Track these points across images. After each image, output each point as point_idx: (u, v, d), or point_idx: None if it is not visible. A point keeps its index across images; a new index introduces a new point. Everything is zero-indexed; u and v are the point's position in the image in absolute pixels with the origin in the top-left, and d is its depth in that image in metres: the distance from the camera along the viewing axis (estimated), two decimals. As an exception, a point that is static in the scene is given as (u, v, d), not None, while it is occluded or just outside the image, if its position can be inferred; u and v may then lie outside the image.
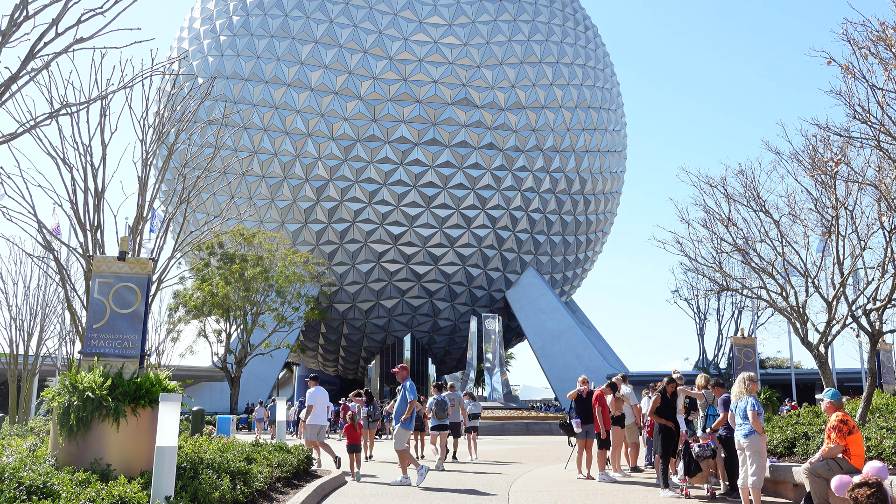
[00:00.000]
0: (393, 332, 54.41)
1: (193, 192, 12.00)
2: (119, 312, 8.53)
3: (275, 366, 46.03)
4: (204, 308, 35.52)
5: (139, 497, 6.41)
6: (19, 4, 6.25)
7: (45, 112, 7.12)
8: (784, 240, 14.30)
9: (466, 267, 51.13)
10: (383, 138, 48.18)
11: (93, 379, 7.74)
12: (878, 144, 9.74)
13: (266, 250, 37.72)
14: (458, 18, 49.83)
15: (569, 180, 52.12)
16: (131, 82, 8.88)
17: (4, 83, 6.45)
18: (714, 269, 16.38)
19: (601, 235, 58.29)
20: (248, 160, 46.89)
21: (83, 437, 7.52)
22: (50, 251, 10.62)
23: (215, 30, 50.54)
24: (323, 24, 48.62)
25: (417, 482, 11.62)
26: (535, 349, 50.47)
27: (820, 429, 11.10)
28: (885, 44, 8.95)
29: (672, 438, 11.35)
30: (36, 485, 6.22)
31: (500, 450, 21.78)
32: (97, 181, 10.21)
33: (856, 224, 12.68)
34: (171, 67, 19.86)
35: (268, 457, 10.45)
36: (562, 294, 57.64)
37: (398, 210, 48.77)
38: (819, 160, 12.44)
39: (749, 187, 14.79)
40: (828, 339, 13.47)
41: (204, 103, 14.28)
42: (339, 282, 50.43)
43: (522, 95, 50.04)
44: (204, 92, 12.30)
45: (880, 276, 12.14)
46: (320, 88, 47.92)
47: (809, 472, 8.44)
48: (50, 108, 9.27)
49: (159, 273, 11.05)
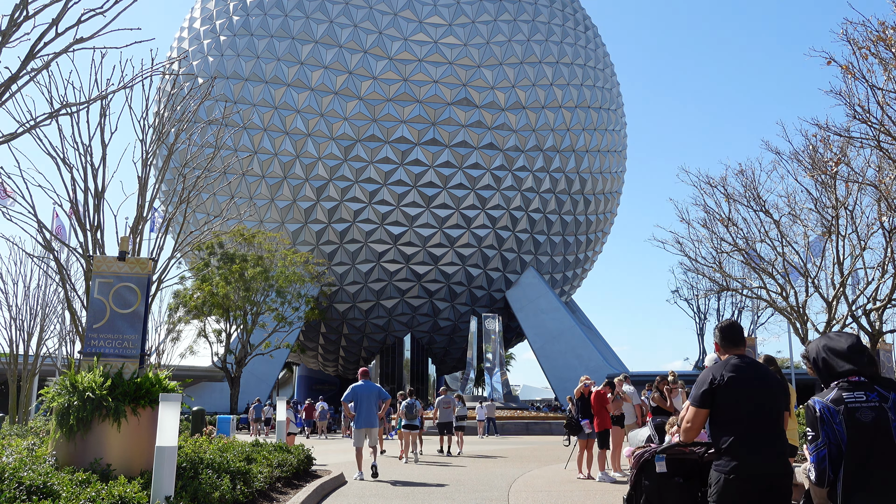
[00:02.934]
0: (393, 332, 54.41)
1: (193, 192, 12.00)
2: (119, 312, 8.53)
3: (275, 366, 46.03)
4: (204, 308, 35.53)
5: (139, 497, 6.41)
6: (19, 4, 6.25)
7: (45, 112, 7.12)
8: (784, 240, 14.31)
9: (466, 267, 51.13)
10: (383, 138, 48.18)
11: (93, 379, 7.74)
12: (878, 144, 9.75)
13: (266, 250, 37.73)
14: (458, 18, 49.83)
15: (569, 180, 52.12)
16: (131, 82, 8.88)
17: (4, 83, 6.45)
18: (714, 269, 16.40)
19: (601, 235, 58.29)
20: (248, 160, 46.89)
21: (83, 437, 7.51)
22: (50, 251, 10.62)
23: (215, 30, 50.54)
24: (323, 24, 48.62)
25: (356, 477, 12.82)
26: (535, 349, 50.46)
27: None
28: (885, 44, 8.96)
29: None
30: (36, 485, 6.22)
31: (499, 449, 21.78)
32: (97, 181, 10.22)
33: (856, 224, 12.69)
34: (171, 67, 19.86)
35: (268, 457, 10.45)
36: (562, 294, 57.64)
37: (398, 210, 48.78)
38: (819, 160, 12.45)
39: (749, 187, 14.81)
40: (828, 339, 13.44)
41: (204, 103, 14.26)
42: (339, 282, 50.43)
43: (522, 95, 50.04)
44: (204, 92, 12.30)
45: (880, 276, 12.14)
46: (320, 88, 47.93)
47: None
48: (50, 108, 9.27)
49: (159, 273, 11.05)
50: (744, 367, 4.39)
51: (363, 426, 13.11)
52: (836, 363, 3.84)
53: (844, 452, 3.54)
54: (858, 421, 3.56)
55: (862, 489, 3.50)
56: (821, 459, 3.61)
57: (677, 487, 4.97)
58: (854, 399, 3.63)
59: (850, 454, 3.53)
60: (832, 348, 3.89)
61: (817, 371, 3.98)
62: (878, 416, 3.58)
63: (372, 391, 13.37)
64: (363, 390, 13.31)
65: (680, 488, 4.95)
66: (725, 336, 4.60)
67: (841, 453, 3.56)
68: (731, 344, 4.60)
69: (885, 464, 3.52)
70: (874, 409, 3.59)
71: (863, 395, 3.64)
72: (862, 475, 3.52)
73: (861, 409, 3.59)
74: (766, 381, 4.32)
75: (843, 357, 3.84)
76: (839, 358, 3.84)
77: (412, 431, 17.57)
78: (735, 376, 4.33)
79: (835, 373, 3.84)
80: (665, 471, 5.04)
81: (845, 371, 3.78)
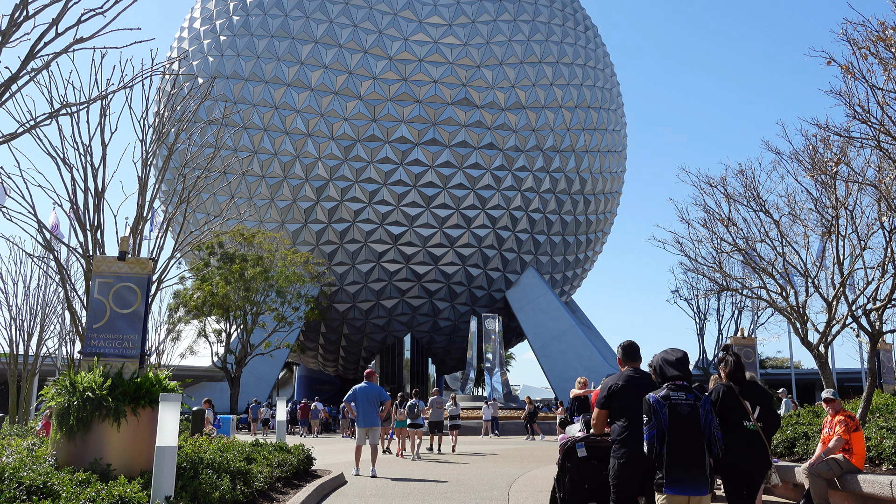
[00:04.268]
0: (393, 332, 54.41)
1: (193, 192, 11.99)
2: (119, 312, 8.53)
3: (275, 366, 46.03)
4: (204, 308, 35.52)
5: (139, 497, 6.41)
6: (19, 4, 6.25)
7: (45, 112, 7.11)
8: (784, 240, 14.29)
9: (466, 267, 51.13)
10: (383, 138, 48.18)
11: (93, 379, 7.74)
12: (878, 144, 9.74)
13: (266, 250, 37.73)
14: (458, 18, 49.82)
15: (569, 180, 52.12)
16: (131, 82, 8.88)
17: (4, 83, 6.45)
18: (714, 269, 16.38)
19: (601, 235, 58.29)
20: (248, 160, 46.87)
21: (83, 437, 7.51)
22: (50, 251, 10.62)
23: (215, 30, 50.53)
24: (323, 24, 48.62)
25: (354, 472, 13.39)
26: (535, 349, 50.46)
27: (820, 429, 11.10)
28: (885, 44, 8.95)
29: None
30: (36, 485, 6.22)
31: (500, 448, 21.78)
32: (97, 181, 10.21)
33: (856, 224, 12.67)
34: (171, 67, 19.86)
35: (268, 457, 10.46)
36: (562, 294, 57.63)
37: (398, 210, 48.77)
38: (819, 160, 12.43)
39: (749, 187, 14.78)
40: (828, 339, 13.46)
41: (204, 103, 14.25)
42: (339, 282, 50.42)
43: (522, 95, 50.03)
44: (204, 92, 12.29)
45: (880, 276, 12.13)
46: (320, 88, 47.92)
47: (810, 471, 8.45)
48: (50, 108, 9.27)
49: (159, 273, 11.04)
50: (635, 377, 5.74)
51: (364, 425, 13.81)
52: (668, 370, 5.29)
53: (666, 433, 4.99)
54: (678, 413, 5.03)
55: (676, 459, 4.96)
56: (650, 437, 5.03)
57: (593, 468, 6.30)
58: (677, 397, 5.08)
59: (671, 435, 4.98)
60: (666, 359, 5.36)
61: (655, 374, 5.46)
62: (692, 410, 5.06)
63: (372, 392, 14.03)
64: (363, 391, 14.02)
65: (595, 469, 6.28)
66: (626, 352, 6.08)
67: (664, 434, 4.99)
68: (630, 359, 6.04)
69: (692, 443, 5.00)
70: (690, 406, 5.07)
71: (683, 395, 5.09)
72: (677, 450, 4.98)
73: (681, 405, 5.06)
74: (651, 387, 5.48)
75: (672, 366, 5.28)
76: (670, 367, 5.28)
77: (416, 430, 18.80)
78: (625, 385, 5.74)
79: (666, 377, 5.27)
80: (585, 455, 6.38)
81: (673, 376, 5.23)
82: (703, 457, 4.99)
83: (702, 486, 4.96)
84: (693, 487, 4.92)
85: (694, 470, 4.94)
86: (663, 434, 4.97)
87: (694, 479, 4.93)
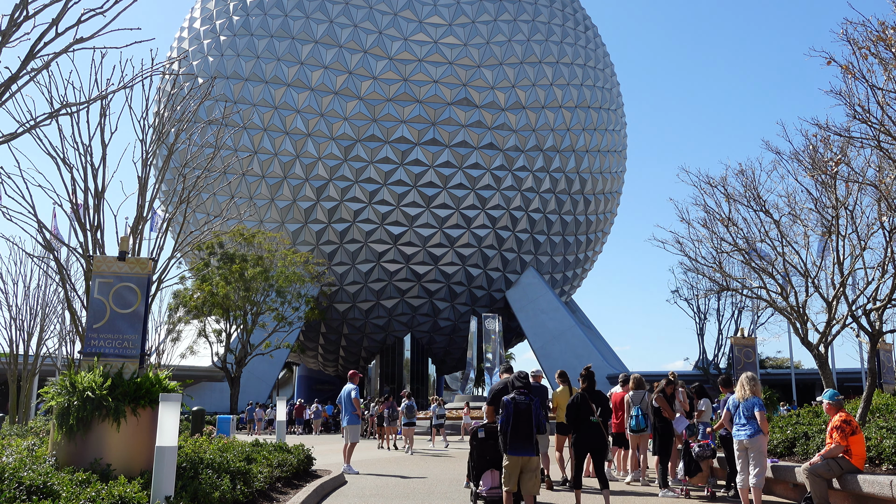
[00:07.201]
0: (393, 332, 54.41)
1: (193, 192, 12.00)
2: (119, 312, 8.53)
3: (275, 366, 46.02)
4: (204, 308, 35.48)
5: (139, 497, 6.41)
6: (19, 4, 6.25)
7: (45, 112, 7.11)
8: (784, 240, 14.29)
9: (466, 267, 51.13)
10: (383, 138, 48.18)
11: (93, 379, 7.74)
12: (878, 144, 9.74)
13: (266, 250, 37.69)
14: (458, 18, 49.82)
15: (569, 180, 52.12)
16: (131, 82, 8.88)
17: (4, 83, 6.45)
18: (714, 269, 16.38)
19: (601, 235, 58.29)
20: (248, 160, 46.87)
21: (83, 437, 7.51)
22: (50, 251, 10.62)
23: (215, 30, 50.53)
24: (323, 24, 48.62)
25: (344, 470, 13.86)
26: (535, 349, 50.47)
27: (820, 429, 11.09)
28: (885, 44, 8.95)
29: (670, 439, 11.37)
30: (36, 485, 6.22)
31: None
32: (97, 181, 10.21)
33: (856, 224, 12.67)
34: (171, 67, 19.87)
35: (268, 457, 10.45)
36: (562, 294, 57.64)
37: (398, 210, 48.77)
38: (819, 160, 12.43)
39: (749, 187, 14.78)
40: (828, 339, 13.46)
41: (204, 103, 14.26)
42: (339, 282, 50.43)
43: (522, 95, 50.03)
44: (204, 92, 12.29)
45: (880, 276, 12.13)
46: (320, 88, 47.92)
47: (809, 472, 8.45)
48: (50, 108, 9.27)
49: (159, 273, 11.04)
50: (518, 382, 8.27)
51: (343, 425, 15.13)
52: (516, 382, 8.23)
53: (510, 420, 7.90)
54: (519, 406, 7.96)
55: (516, 437, 7.90)
56: (503, 424, 7.96)
57: (491, 447, 8.98)
58: (519, 396, 8.04)
59: (513, 421, 7.91)
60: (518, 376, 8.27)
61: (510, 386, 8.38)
62: (527, 406, 7.97)
63: (344, 393, 15.14)
64: (342, 393, 15.24)
65: (493, 447, 8.94)
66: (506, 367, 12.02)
67: (509, 420, 7.90)
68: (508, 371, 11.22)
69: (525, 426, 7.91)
70: (526, 403, 7.98)
71: (523, 396, 8.04)
72: (517, 430, 7.91)
73: (521, 402, 7.98)
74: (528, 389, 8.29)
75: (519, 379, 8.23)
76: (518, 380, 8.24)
77: (412, 428, 20.78)
78: (505, 388, 9.54)
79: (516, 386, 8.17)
80: (484, 436, 9.08)
81: (518, 386, 8.14)
82: (532, 434, 7.94)
83: (530, 450, 7.93)
84: (524, 451, 7.90)
85: (525, 441, 7.91)
86: (509, 419, 7.91)
87: (525, 447, 7.90)
